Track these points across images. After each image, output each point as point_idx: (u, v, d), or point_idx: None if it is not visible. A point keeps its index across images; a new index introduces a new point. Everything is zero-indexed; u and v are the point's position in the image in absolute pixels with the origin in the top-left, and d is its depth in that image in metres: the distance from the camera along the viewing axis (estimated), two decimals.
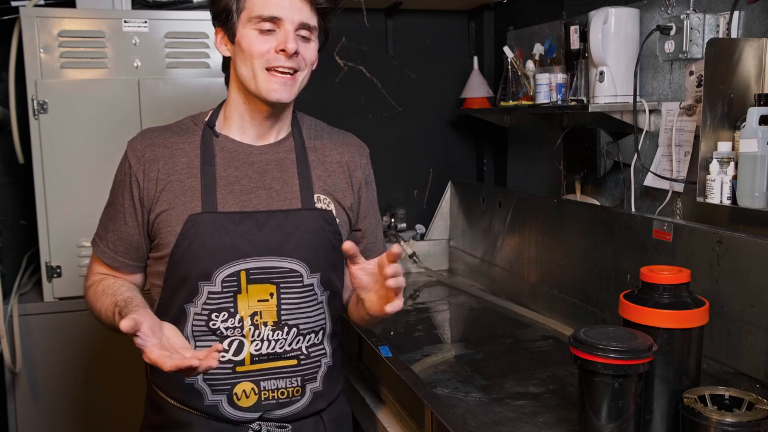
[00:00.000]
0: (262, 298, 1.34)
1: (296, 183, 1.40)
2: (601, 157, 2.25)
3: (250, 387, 1.34)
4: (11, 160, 2.55)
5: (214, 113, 1.43)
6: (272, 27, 1.30)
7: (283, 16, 1.29)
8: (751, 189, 1.62)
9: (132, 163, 1.36)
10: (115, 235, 1.39)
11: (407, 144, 3.16)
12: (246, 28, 1.31)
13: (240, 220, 1.33)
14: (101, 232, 1.43)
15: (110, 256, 1.40)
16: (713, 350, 1.66)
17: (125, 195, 1.37)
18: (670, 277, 1.34)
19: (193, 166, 1.36)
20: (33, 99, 2.30)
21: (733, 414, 1.21)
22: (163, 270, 1.35)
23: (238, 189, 1.36)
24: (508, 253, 2.57)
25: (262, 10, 1.29)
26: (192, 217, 1.32)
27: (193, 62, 2.48)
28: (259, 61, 1.30)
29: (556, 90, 2.36)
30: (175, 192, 1.34)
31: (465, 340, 2.16)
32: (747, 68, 1.70)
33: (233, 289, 1.32)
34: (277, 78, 1.31)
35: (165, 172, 1.35)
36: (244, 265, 1.32)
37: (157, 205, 1.34)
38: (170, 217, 1.33)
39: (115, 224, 1.39)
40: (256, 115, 1.39)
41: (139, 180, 1.35)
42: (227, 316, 1.33)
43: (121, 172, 1.39)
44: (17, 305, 2.36)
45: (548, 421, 1.51)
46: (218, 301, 1.33)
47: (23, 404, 2.39)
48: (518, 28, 2.85)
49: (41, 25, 2.30)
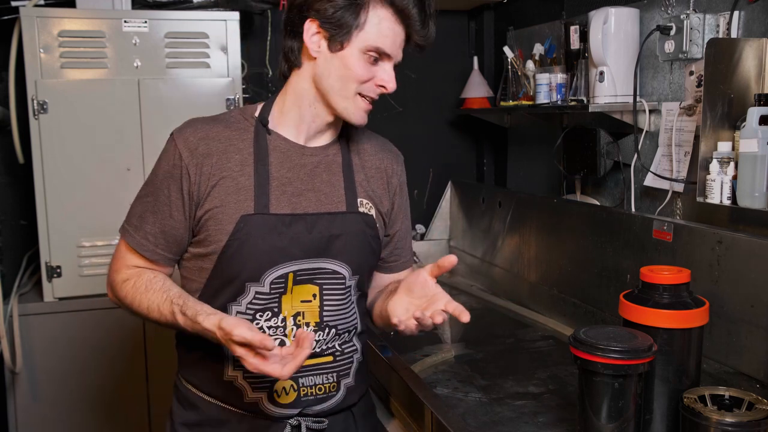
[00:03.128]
0: (306, 299, 1.36)
1: (342, 186, 1.41)
2: (601, 157, 2.25)
3: (290, 384, 1.36)
4: (11, 160, 2.55)
5: (265, 108, 1.40)
6: (378, 59, 1.31)
7: (393, 54, 1.31)
8: (751, 189, 1.62)
9: (184, 155, 1.32)
10: (157, 228, 1.35)
11: (407, 144, 3.13)
12: (357, 50, 1.29)
13: (291, 223, 1.33)
14: (136, 222, 1.37)
15: (149, 248, 1.36)
16: (713, 350, 1.66)
17: (172, 187, 1.33)
18: (670, 277, 1.34)
19: (247, 164, 1.34)
20: (33, 99, 2.30)
21: (733, 414, 1.21)
22: (208, 267, 1.34)
23: (290, 191, 1.36)
24: (508, 253, 2.57)
25: (383, 45, 1.29)
26: (244, 217, 1.30)
27: (193, 62, 2.48)
28: (356, 85, 1.31)
29: (556, 90, 2.36)
30: (228, 190, 1.32)
31: (465, 340, 2.16)
32: (747, 68, 1.70)
33: (280, 290, 1.33)
34: (364, 104, 1.34)
35: (218, 167, 1.32)
36: (293, 267, 1.33)
37: (208, 201, 1.32)
38: (222, 215, 1.31)
39: (158, 216, 1.35)
40: (317, 120, 1.38)
41: (191, 173, 1.31)
42: (271, 315, 1.34)
43: (168, 162, 1.34)
44: (17, 305, 2.36)
45: (548, 421, 1.51)
46: (265, 302, 1.33)
47: (23, 404, 2.39)
48: (518, 28, 2.85)
49: (41, 25, 2.30)
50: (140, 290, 1.34)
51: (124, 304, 1.37)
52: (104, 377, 2.45)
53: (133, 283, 1.36)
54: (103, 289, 2.40)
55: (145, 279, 1.35)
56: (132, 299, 1.35)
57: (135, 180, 2.42)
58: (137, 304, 1.34)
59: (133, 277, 1.36)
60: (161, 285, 1.33)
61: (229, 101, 2.47)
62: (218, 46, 2.49)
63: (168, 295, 1.30)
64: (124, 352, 2.47)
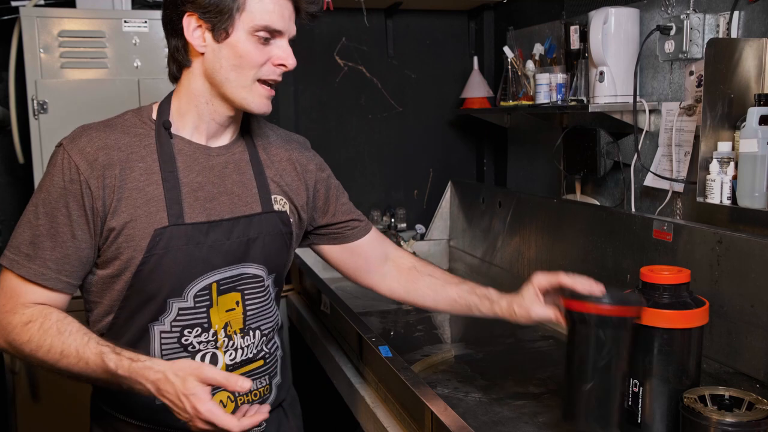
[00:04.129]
0: (230, 308, 1.30)
1: (254, 185, 1.34)
2: (601, 157, 2.25)
3: (226, 396, 1.29)
4: (11, 160, 2.55)
5: (162, 110, 1.30)
6: (270, 38, 1.23)
7: (284, 29, 1.24)
8: (751, 189, 1.62)
9: (81, 168, 1.19)
10: (57, 253, 1.20)
11: (407, 144, 3.16)
12: (244, 33, 1.21)
13: (208, 231, 1.26)
14: (28, 251, 1.20)
15: (52, 277, 1.20)
16: (713, 350, 1.66)
17: (71, 205, 1.19)
18: (670, 277, 1.34)
19: (153, 172, 1.24)
20: (33, 99, 2.30)
21: (733, 414, 1.21)
22: (121, 288, 1.24)
23: (202, 196, 1.28)
24: (508, 253, 2.57)
25: (270, 22, 1.21)
26: (159, 230, 1.21)
27: None
28: (253, 71, 1.23)
29: (556, 90, 2.36)
30: (136, 202, 1.21)
31: (465, 340, 2.16)
32: (747, 68, 1.70)
33: (206, 303, 1.26)
34: (266, 91, 1.26)
35: (122, 178, 1.21)
36: (215, 276, 1.27)
37: (115, 217, 1.20)
38: (133, 230, 1.21)
39: (57, 240, 1.20)
40: (217, 117, 1.29)
41: (92, 187, 1.19)
42: (201, 331, 1.27)
43: (62, 178, 1.20)
44: None
45: (548, 421, 1.51)
46: (190, 317, 1.26)
47: (23, 404, 2.39)
48: (518, 28, 2.85)
49: (41, 25, 2.30)
50: (50, 333, 1.17)
51: (23, 350, 1.19)
52: None
53: (39, 324, 1.18)
54: None
55: (54, 319, 1.19)
56: (39, 344, 1.17)
57: None
58: (46, 349, 1.17)
59: (39, 317, 1.19)
60: (77, 326, 1.19)
61: None
62: None
63: (90, 337, 1.16)
64: None
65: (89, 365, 1.14)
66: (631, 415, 1.37)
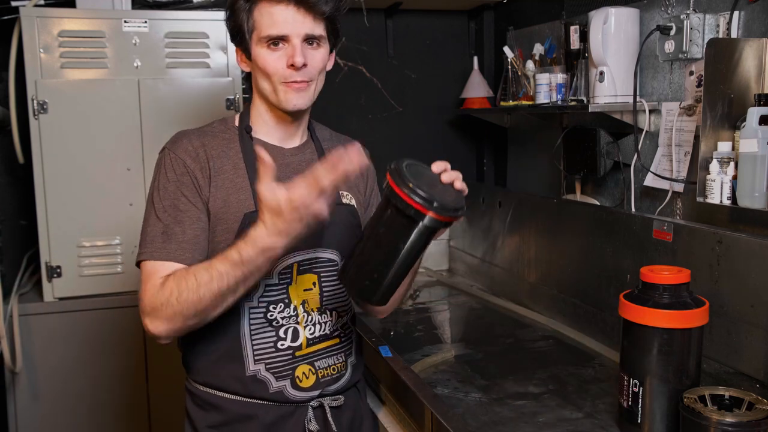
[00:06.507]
0: (307, 287, 1.45)
1: None
2: (601, 157, 2.25)
3: (308, 368, 1.44)
4: (11, 160, 2.55)
5: (242, 117, 1.49)
6: (281, 43, 1.38)
7: (288, 33, 1.37)
8: (751, 189, 1.62)
9: (187, 162, 1.39)
10: (189, 235, 1.36)
11: (407, 144, 3.16)
12: (258, 47, 1.39)
13: None
14: (161, 242, 1.35)
15: (188, 256, 1.35)
16: (713, 350, 1.66)
17: (188, 194, 1.38)
18: (670, 277, 1.34)
19: (239, 168, 1.43)
20: (33, 99, 2.30)
21: (733, 414, 1.22)
22: None
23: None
24: (508, 253, 2.58)
25: (270, 30, 1.37)
26: (249, 214, 1.37)
27: (193, 62, 2.48)
28: (275, 77, 1.39)
29: (556, 90, 2.36)
30: (228, 190, 1.40)
31: (465, 340, 2.16)
32: (747, 68, 1.70)
33: (286, 281, 1.42)
34: (293, 89, 1.40)
35: (216, 170, 1.40)
36: (296, 257, 1.42)
37: (211, 202, 1.39)
38: (225, 214, 1.39)
39: (185, 225, 1.36)
40: (280, 121, 1.47)
41: (198, 177, 1.39)
42: (283, 306, 1.42)
43: (173, 173, 1.38)
44: (17, 305, 2.36)
45: (548, 421, 1.51)
46: (274, 293, 1.41)
47: (23, 404, 2.39)
48: (518, 28, 2.85)
49: (41, 25, 2.30)
50: (181, 275, 1.29)
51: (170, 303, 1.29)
52: (104, 377, 2.45)
53: (173, 278, 1.30)
54: (103, 289, 2.44)
55: (182, 268, 1.32)
56: (179, 290, 1.28)
57: (135, 180, 2.42)
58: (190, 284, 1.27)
59: (170, 275, 1.32)
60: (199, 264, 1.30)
61: (228, 101, 2.47)
62: (218, 46, 2.49)
63: (210, 260, 1.28)
64: (124, 352, 2.47)
65: (223, 274, 1.25)
66: (631, 415, 1.37)
